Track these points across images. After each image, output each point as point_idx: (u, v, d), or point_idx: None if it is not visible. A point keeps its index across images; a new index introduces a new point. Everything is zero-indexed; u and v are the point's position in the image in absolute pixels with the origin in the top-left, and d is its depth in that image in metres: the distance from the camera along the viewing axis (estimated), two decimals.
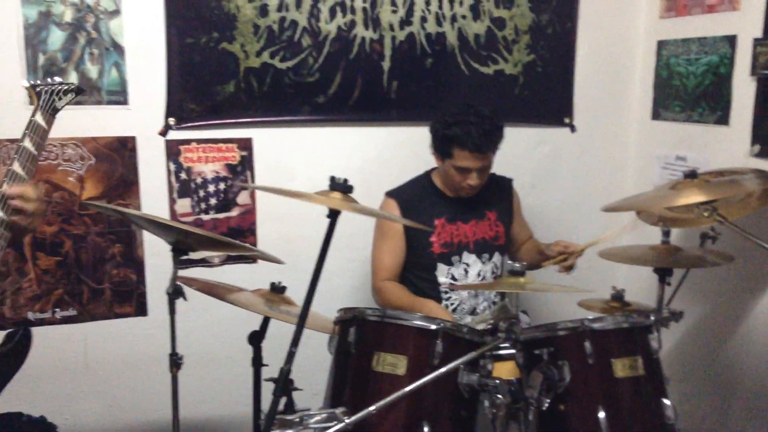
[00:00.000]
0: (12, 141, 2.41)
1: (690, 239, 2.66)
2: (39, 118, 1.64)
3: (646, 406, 1.86)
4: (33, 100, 1.67)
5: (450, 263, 2.58)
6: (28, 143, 1.60)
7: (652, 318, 1.93)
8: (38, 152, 1.64)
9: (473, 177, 2.47)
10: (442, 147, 2.49)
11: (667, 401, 1.87)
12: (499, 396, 1.71)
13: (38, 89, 1.67)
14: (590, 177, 3.23)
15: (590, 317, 1.89)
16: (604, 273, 3.01)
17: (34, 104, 1.67)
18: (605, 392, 1.84)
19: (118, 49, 2.50)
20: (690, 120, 2.86)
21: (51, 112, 1.67)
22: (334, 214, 1.69)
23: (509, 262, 1.87)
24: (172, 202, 2.67)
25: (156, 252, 2.65)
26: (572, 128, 3.19)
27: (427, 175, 2.69)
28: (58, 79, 1.73)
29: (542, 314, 2.95)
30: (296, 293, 2.18)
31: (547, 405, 1.80)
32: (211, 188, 2.73)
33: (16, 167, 1.57)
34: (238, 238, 2.74)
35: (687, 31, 2.86)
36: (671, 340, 2.90)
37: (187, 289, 1.97)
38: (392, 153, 2.93)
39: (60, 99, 1.70)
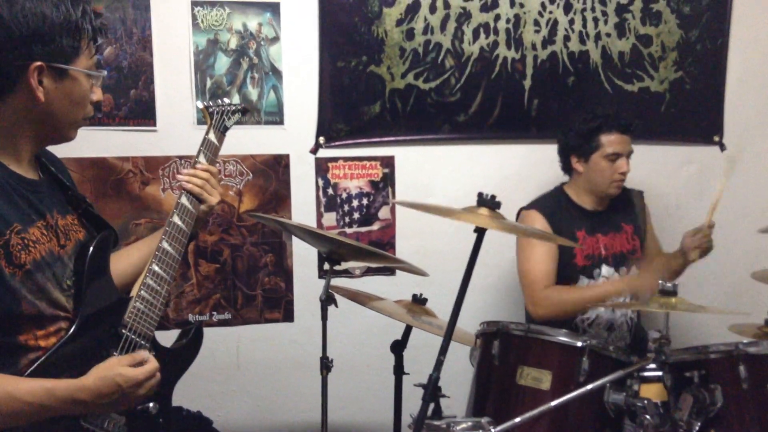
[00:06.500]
0: (181, 157, 2.65)
1: None
2: (212, 136, 1.74)
3: None
4: (207, 120, 1.77)
5: (591, 276, 2.57)
6: (202, 158, 1.71)
7: None
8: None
9: (624, 163, 2.50)
10: (587, 142, 2.53)
11: None
12: (647, 416, 1.70)
13: (211, 109, 1.78)
14: (740, 198, 3.08)
15: (745, 341, 1.83)
16: (757, 297, 2.87)
17: (207, 123, 1.76)
18: (760, 419, 1.78)
19: (277, 73, 2.69)
20: None
21: (222, 131, 1.78)
22: (481, 229, 1.74)
23: (660, 282, 1.84)
24: (320, 215, 2.83)
25: (303, 262, 2.81)
26: (722, 147, 3.07)
27: (560, 188, 2.69)
28: (227, 100, 1.84)
29: (688, 336, 2.85)
30: (432, 305, 2.26)
31: (697, 429, 1.75)
32: (355, 203, 2.86)
33: None
34: None
35: None
36: None
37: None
38: (531, 170, 2.94)
39: (229, 119, 1.81)
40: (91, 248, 1.49)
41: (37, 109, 1.39)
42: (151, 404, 1.53)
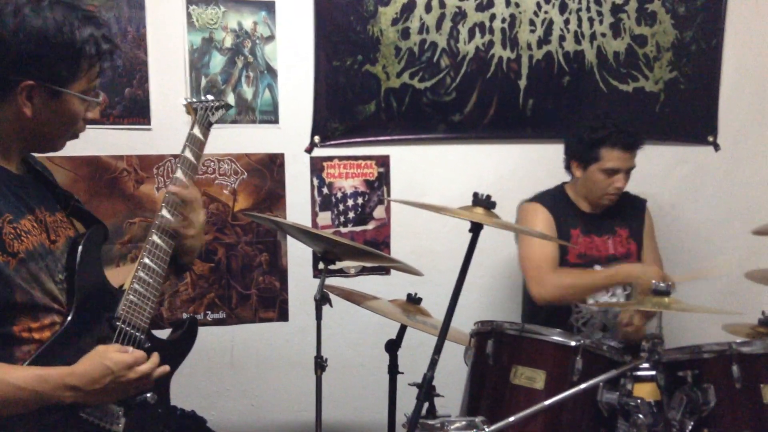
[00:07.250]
0: (175, 156, 2.63)
1: None
2: (196, 131, 1.76)
3: None
4: (191, 116, 1.80)
5: None
6: (188, 153, 1.72)
7: None
8: (197, 162, 1.77)
9: (620, 179, 2.49)
10: (587, 152, 2.51)
11: None
12: (641, 416, 1.70)
13: (195, 105, 1.80)
14: (735, 198, 3.10)
15: (738, 340, 1.84)
16: (751, 297, 2.87)
17: (192, 119, 1.79)
18: (753, 418, 1.79)
19: (272, 72, 2.69)
20: None
21: (206, 126, 1.80)
22: (476, 229, 1.74)
23: (653, 282, 1.85)
24: (314, 214, 2.82)
25: (298, 261, 2.81)
26: (716, 147, 3.08)
27: (561, 187, 2.70)
28: (210, 96, 1.86)
29: (682, 336, 2.85)
30: (427, 305, 2.26)
31: (690, 428, 1.76)
32: (350, 202, 2.86)
33: (179, 174, 1.69)
34: None
35: None
36: None
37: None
38: (526, 170, 2.95)
39: (213, 114, 1.82)
40: (82, 243, 1.50)
41: (25, 121, 1.40)
42: (149, 394, 1.54)
